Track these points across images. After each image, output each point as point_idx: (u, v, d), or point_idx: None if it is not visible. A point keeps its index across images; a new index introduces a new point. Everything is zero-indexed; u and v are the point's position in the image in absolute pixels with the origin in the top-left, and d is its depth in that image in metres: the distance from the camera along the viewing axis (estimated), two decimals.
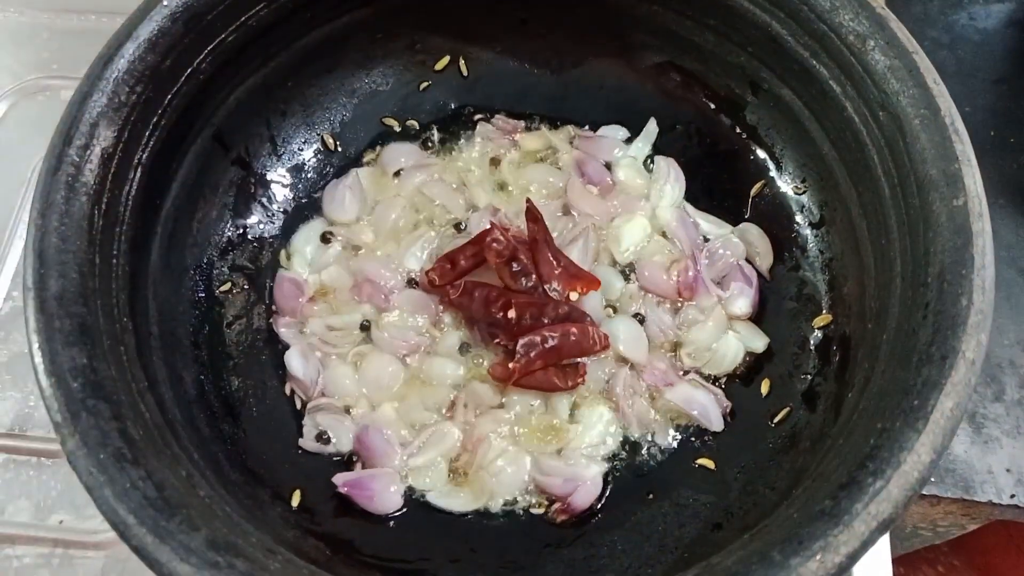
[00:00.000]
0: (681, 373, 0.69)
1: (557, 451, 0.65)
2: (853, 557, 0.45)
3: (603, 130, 0.79)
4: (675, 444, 0.67)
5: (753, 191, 0.73)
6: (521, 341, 0.65)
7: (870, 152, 0.60)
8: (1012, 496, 0.86)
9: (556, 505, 0.64)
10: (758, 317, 0.70)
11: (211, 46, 0.64)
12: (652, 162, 0.76)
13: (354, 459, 0.66)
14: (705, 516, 0.62)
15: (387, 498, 0.64)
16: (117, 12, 0.96)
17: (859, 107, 0.61)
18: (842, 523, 0.45)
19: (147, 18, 0.60)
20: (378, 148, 0.78)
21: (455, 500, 0.64)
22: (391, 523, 0.64)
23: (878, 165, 0.60)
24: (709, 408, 0.66)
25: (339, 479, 0.64)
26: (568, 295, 0.67)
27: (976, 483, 0.86)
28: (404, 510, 0.64)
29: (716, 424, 0.66)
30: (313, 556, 0.57)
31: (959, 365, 0.49)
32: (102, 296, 0.55)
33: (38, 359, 0.50)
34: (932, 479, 0.76)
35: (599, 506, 0.64)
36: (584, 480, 0.64)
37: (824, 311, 0.67)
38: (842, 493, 0.47)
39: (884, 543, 0.73)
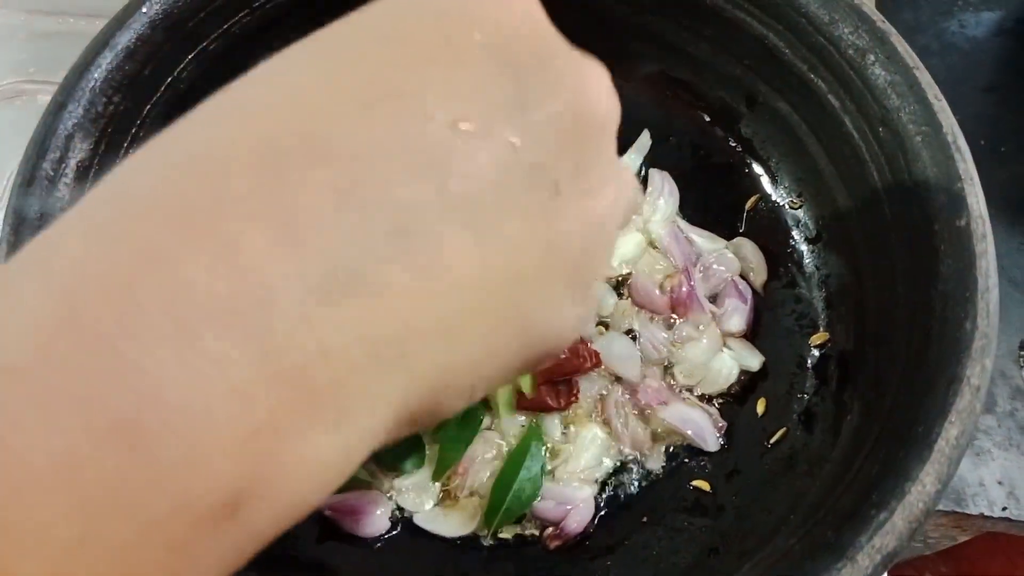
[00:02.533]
0: (676, 391, 0.67)
1: (549, 473, 0.64)
2: None
3: None
4: (669, 465, 0.65)
5: (748, 205, 0.72)
6: None
7: (869, 169, 0.59)
8: (1004, 509, 0.86)
9: (549, 530, 0.62)
10: (753, 334, 0.69)
11: (192, 54, 0.63)
12: (645, 174, 0.75)
13: None
14: (701, 541, 0.60)
15: (374, 520, 0.62)
16: (96, 15, 0.94)
17: (858, 122, 0.60)
18: (845, 557, 0.44)
19: (125, 25, 0.58)
20: None
21: (444, 524, 0.63)
22: (378, 546, 0.62)
23: (878, 182, 0.59)
24: (704, 428, 0.65)
25: (323, 501, 0.62)
26: None
27: (968, 496, 0.85)
28: (391, 533, 0.62)
29: (711, 444, 0.65)
30: None
31: (964, 392, 0.47)
32: None
33: None
34: None
35: (591, 530, 0.63)
36: (576, 503, 0.62)
37: (821, 329, 0.66)
38: (845, 525, 0.46)
39: None
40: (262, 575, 0.49)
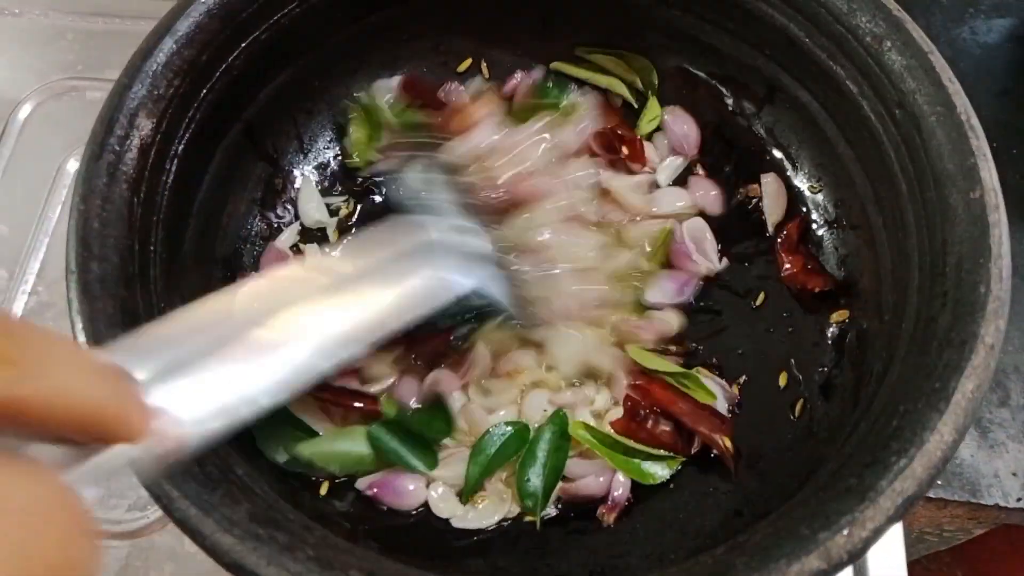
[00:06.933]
0: None
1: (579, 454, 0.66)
2: (878, 531, 0.46)
3: None
4: None
5: None
6: None
7: (887, 150, 0.62)
8: (1019, 500, 0.87)
9: (602, 508, 0.65)
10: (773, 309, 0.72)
11: (245, 43, 0.66)
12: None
13: None
14: (725, 504, 0.63)
15: (409, 495, 0.65)
16: (141, 16, 0.98)
17: (876, 106, 0.63)
18: (867, 499, 0.47)
19: (185, 13, 0.62)
20: None
21: (480, 519, 0.65)
22: (413, 517, 0.65)
23: (895, 162, 0.61)
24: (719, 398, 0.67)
25: (362, 483, 0.65)
26: None
27: (983, 486, 0.87)
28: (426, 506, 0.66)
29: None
30: (344, 536, 0.58)
31: (979, 349, 0.50)
32: (140, 281, 0.57)
33: (82, 339, 0.51)
34: (939, 482, 0.76)
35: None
36: (611, 470, 0.65)
37: (840, 306, 0.68)
38: (867, 471, 0.48)
39: (899, 544, 0.74)
40: (316, 522, 0.52)
